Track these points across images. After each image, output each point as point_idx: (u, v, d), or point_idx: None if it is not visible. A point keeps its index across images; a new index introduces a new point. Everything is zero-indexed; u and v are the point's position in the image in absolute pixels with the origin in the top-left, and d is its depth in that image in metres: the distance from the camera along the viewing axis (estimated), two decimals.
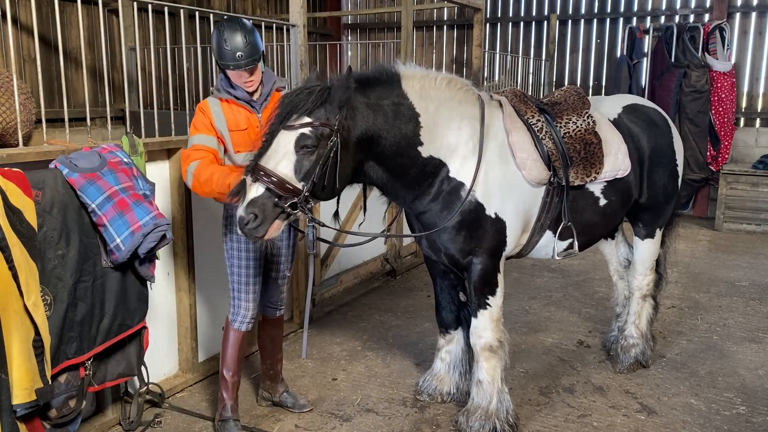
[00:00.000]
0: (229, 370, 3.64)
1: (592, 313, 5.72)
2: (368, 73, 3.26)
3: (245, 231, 2.89)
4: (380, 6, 12.25)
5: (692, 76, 9.35)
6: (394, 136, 3.19)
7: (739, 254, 7.84)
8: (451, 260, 3.57)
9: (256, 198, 2.86)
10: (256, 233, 2.88)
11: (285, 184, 2.87)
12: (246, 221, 2.86)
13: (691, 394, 4.21)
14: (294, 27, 4.92)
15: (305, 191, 2.91)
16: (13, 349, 2.59)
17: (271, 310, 3.84)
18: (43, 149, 3.24)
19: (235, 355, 3.63)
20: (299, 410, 3.93)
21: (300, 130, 2.92)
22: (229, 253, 3.54)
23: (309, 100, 2.93)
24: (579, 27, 11.02)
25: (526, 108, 3.73)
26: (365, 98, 3.14)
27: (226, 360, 3.64)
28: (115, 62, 8.00)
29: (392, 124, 3.18)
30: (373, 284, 6.50)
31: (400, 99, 3.23)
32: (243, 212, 2.87)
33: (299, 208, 2.93)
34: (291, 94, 3.00)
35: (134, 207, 3.08)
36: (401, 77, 3.28)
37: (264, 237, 2.91)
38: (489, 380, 3.61)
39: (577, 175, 3.69)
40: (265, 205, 2.86)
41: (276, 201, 2.87)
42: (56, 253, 2.92)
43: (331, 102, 2.96)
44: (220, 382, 3.68)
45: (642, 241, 4.43)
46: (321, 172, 2.94)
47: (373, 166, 3.25)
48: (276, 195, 2.87)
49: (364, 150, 3.15)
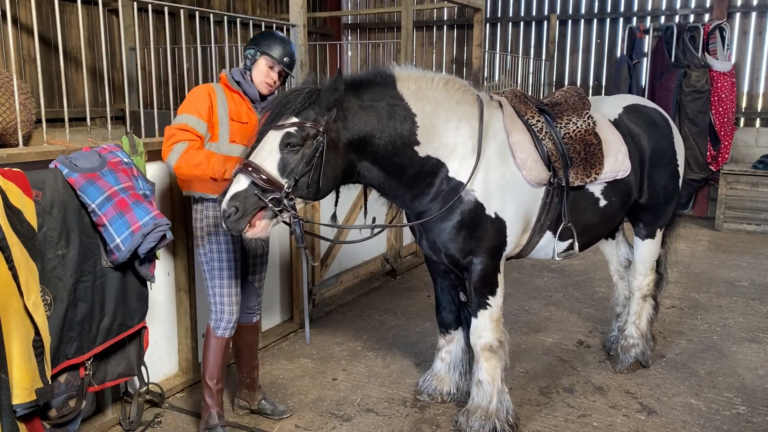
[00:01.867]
0: (212, 378, 3.57)
1: (592, 313, 5.72)
2: (362, 76, 3.29)
3: (228, 224, 2.94)
4: (380, 6, 12.25)
5: (692, 76, 9.34)
6: (389, 136, 3.21)
7: (739, 254, 7.84)
8: (451, 260, 3.57)
9: (239, 192, 2.92)
10: (237, 225, 2.93)
11: (268, 178, 2.92)
12: (228, 214, 2.92)
13: (691, 394, 4.21)
14: (294, 27, 4.92)
15: (287, 187, 2.95)
16: (13, 349, 2.59)
17: (248, 316, 3.78)
18: (43, 149, 3.24)
19: (219, 362, 3.57)
20: (279, 416, 3.85)
21: (286, 129, 2.97)
22: (208, 257, 3.48)
23: (298, 101, 2.99)
24: (579, 27, 11.02)
25: (526, 108, 3.73)
26: (359, 100, 3.16)
27: (209, 368, 3.57)
28: (115, 62, 8.00)
29: (386, 125, 3.20)
30: (373, 284, 6.50)
31: (395, 100, 3.25)
32: (225, 205, 2.93)
33: (282, 205, 2.96)
34: (283, 95, 3.07)
35: (134, 207, 3.08)
36: (396, 79, 3.30)
37: (246, 231, 2.96)
38: (489, 380, 3.61)
39: (577, 176, 3.69)
40: (246, 199, 2.91)
41: (258, 195, 2.91)
42: (56, 253, 2.92)
43: (319, 103, 3.01)
44: (204, 390, 3.61)
45: (642, 241, 4.43)
46: (304, 170, 2.98)
47: (368, 166, 3.26)
48: (259, 188, 2.91)
49: (357, 150, 3.17)
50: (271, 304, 5.11)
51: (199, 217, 3.49)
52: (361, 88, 3.21)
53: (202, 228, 3.49)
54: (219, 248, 3.47)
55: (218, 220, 3.40)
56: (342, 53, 12.17)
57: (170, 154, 3.22)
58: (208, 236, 3.47)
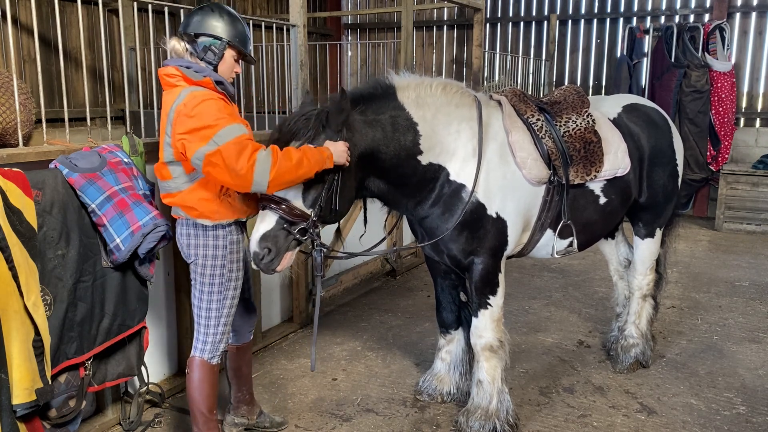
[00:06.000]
0: (212, 410, 3.25)
1: (592, 313, 5.72)
2: (362, 90, 3.26)
3: (261, 266, 2.93)
4: (380, 6, 12.25)
5: (692, 76, 9.34)
6: (394, 149, 3.20)
7: (739, 254, 7.84)
8: (453, 261, 3.57)
9: (268, 232, 2.90)
10: (272, 266, 2.93)
11: (294, 210, 2.90)
12: (261, 256, 2.90)
13: (691, 394, 4.21)
14: (294, 27, 4.92)
15: (313, 216, 2.94)
16: (13, 349, 2.59)
17: (249, 334, 3.54)
18: (43, 149, 3.24)
19: (217, 392, 3.29)
20: (278, 428, 3.72)
21: None
22: (224, 286, 3.12)
23: (308, 127, 2.94)
24: (579, 27, 11.02)
25: (525, 107, 3.73)
26: (362, 116, 3.14)
27: (207, 400, 3.21)
28: (115, 62, 8.00)
29: (391, 138, 3.19)
30: (373, 284, 6.50)
31: (397, 111, 3.24)
32: (257, 248, 2.90)
33: (308, 233, 2.95)
34: (289, 121, 2.99)
35: (134, 207, 3.08)
36: (396, 89, 3.29)
37: (278, 269, 2.96)
38: (489, 380, 3.61)
39: (577, 174, 3.69)
40: (277, 237, 2.90)
41: (287, 230, 2.90)
42: (56, 253, 2.92)
43: (329, 126, 2.98)
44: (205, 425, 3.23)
45: (642, 240, 4.43)
46: (327, 197, 2.97)
47: (374, 180, 3.25)
48: (287, 222, 2.89)
49: (366, 167, 3.15)
50: (271, 304, 5.12)
51: (221, 244, 3.07)
52: (363, 102, 3.18)
53: (224, 256, 3.08)
54: (238, 275, 3.17)
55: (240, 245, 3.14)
56: (342, 53, 12.16)
57: (257, 167, 2.69)
58: (230, 264, 3.11)
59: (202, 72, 2.97)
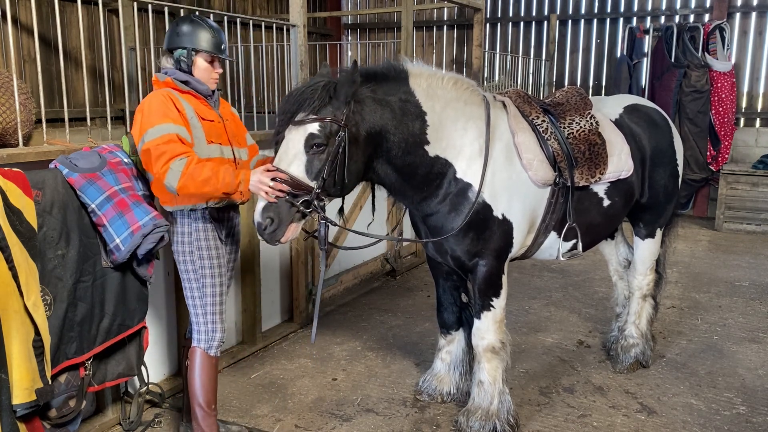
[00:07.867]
0: (211, 404, 3.31)
1: (592, 313, 5.72)
2: (376, 69, 3.24)
3: (265, 236, 2.93)
4: (380, 6, 12.25)
5: (692, 76, 9.35)
6: (402, 133, 3.18)
7: (739, 254, 7.84)
8: (457, 262, 3.56)
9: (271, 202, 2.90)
10: (275, 237, 2.93)
11: (298, 183, 2.90)
12: (264, 226, 2.91)
13: (691, 394, 4.21)
14: (294, 27, 4.92)
15: (317, 188, 2.94)
16: (13, 349, 2.59)
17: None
18: (43, 149, 3.24)
19: (216, 385, 3.34)
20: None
21: (308, 129, 2.92)
22: (198, 273, 3.22)
23: (315, 97, 2.92)
24: (579, 27, 11.02)
25: (530, 109, 3.72)
26: (372, 93, 3.12)
27: (206, 393, 3.27)
28: (115, 62, 8.00)
29: (400, 121, 3.17)
30: (373, 284, 6.49)
31: (408, 96, 3.22)
32: (260, 218, 2.91)
33: (312, 206, 2.95)
34: (297, 92, 3.00)
35: (134, 207, 3.08)
36: (409, 74, 3.27)
37: (282, 240, 2.96)
38: (490, 381, 3.61)
39: (582, 176, 3.69)
40: (280, 208, 2.90)
41: (290, 201, 2.90)
42: (56, 253, 2.92)
43: (337, 97, 2.96)
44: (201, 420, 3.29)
45: (642, 240, 4.43)
46: (331, 169, 2.96)
47: (383, 164, 3.24)
48: (291, 194, 2.90)
49: (374, 145, 3.14)
50: (271, 305, 5.12)
51: (187, 231, 3.20)
52: (375, 80, 3.17)
53: (191, 242, 3.20)
54: (211, 263, 3.24)
55: (207, 232, 3.20)
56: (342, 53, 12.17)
57: (168, 175, 2.89)
58: (198, 251, 3.21)
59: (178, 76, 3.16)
